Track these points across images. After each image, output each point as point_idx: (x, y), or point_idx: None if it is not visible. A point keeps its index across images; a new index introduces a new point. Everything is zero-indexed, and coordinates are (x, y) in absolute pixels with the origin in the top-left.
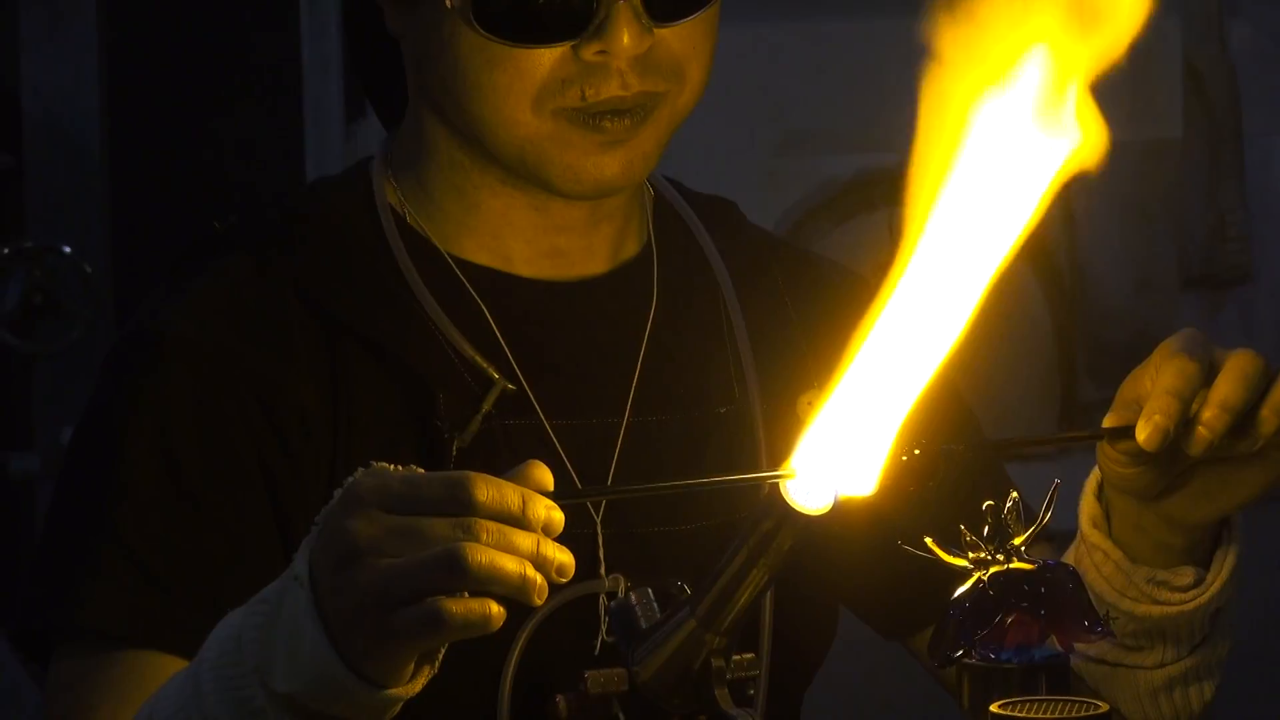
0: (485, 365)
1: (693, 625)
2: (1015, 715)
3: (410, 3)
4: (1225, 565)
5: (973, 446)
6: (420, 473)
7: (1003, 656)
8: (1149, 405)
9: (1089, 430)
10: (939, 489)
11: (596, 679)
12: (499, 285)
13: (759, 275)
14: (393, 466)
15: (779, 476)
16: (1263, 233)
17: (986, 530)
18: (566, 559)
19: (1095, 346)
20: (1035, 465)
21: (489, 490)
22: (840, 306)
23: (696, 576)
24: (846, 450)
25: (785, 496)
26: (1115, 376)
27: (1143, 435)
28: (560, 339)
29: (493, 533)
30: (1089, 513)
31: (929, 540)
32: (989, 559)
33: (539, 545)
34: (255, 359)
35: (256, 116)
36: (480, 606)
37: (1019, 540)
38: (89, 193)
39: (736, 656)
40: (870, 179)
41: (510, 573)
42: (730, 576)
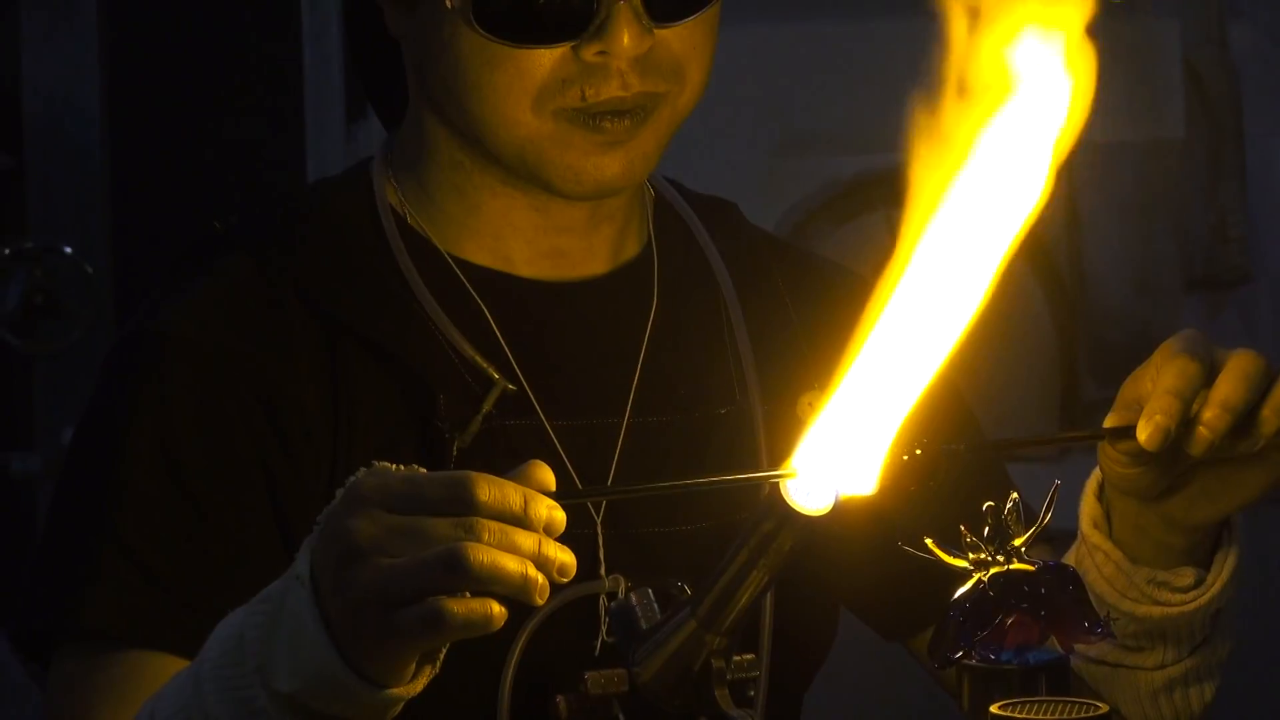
0: (486, 366)
1: (693, 626)
2: (1015, 716)
3: (410, 3)
4: (1226, 566)
5: (973, 446)
6: (422, 472)
7: (1003, 657)
8: (1150, 405)
9: (1090, 430)
10: (939, 489)
11: (597, 679)
12: (499, 286)
13: (759, 276)
14: (394, 466)
15: (780, 476)
16: (1264, 233)
17: (987, 531)
18: (568, 559)
19: (1096, 347)
20: (1035, 466)
21: (491, 490)
22: (840, 307)
23: (697, 577)
24: (847, 451)
25: (786, 497)
26: (1116, 377)
27: (1144, 435)
28: (561, 339)
29: (494, 532)
30: (1090, 513)
31: (929, 541)
32: (989, 560)
33: (540, 545)
34: (255, 359)
35: (257, 117)
36: (481, 606)
37: (1019, 541)
38: (90, 193)
39: (737, 657)
40: (871, 180)
41: (512, 572)
42: (731, 577)
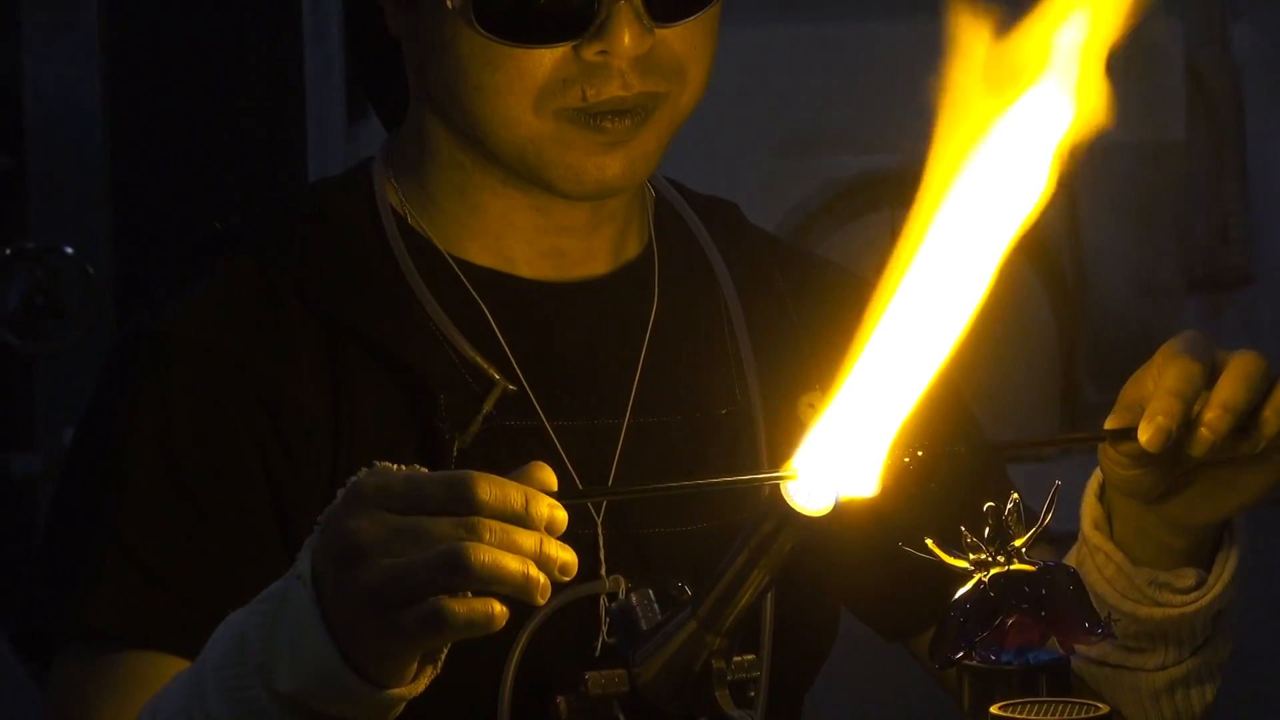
0: (486, 366)
1: (694, 626)
2: (1016, 717)
3: (411, 4)
4: (1227, 567)
5: (975, 448)
6: (423, 472)
7: (1003, 658)
8: (1151, 406)
9: (1091, 432)
10: (940, 490)
11: (597, 680)
12: (500, 286)
13: (760, 276)
14: (395, 466)
15: (781, 478)
16: (1265, 234)
17: (987, 532)
18: (570, 558)
19: (1097, 348)
20: (1036, 467)
21: (492, 489)
22: (841, 308)
23: (697, 578)
24: (848, 452)
25: (786, 498)
26: (1117, 378)
27: (1145, 436)
28: (561, 340)
29: (495, 532)
30: (1091, 515)
31: (930, 542)
32: (990, 560)
33: (542, 544)
34: (256, 359)
35: (258, 117)
36: (483, 606)
37: (1020, 542)
38: (91, 193)
39: (737, 658)
40: (872, 180)
41: (513, 572)
42: (731, 578)
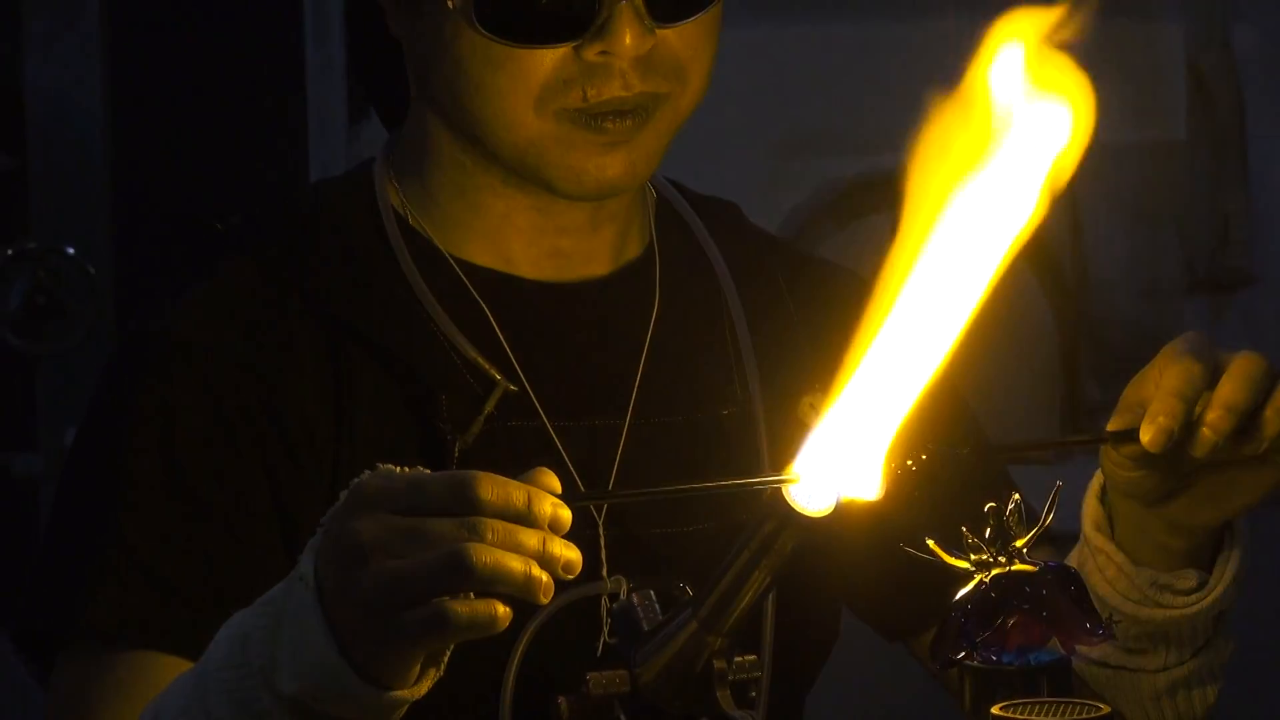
0: (487, 367)
1: (695, 627)
2: (1017, 717)
3: (412, 4)
4: (1228, 569)
5: (978, 450)
6: (425, 473)
7: (1004, 658)
8: (1153, 406)
9: (1093, 434)
10: (942, 491)
11: (598, 680)
12: (501, 287)
13: (761, 277)
14: (398, 468)
15: (782, 481)
16: (1266, 236)
17: (988, 532)
18: (574, 556)
19: (1099, 350)
20: (1037, 468)
21: (494, 489)
22: (842, 308)
23: (699, 578)
24: (849, 453)
25: (787, 499)
26: (1119, 379)
27: (1147, 436)
28: (562, 340)
29: (498, 531)
30: (1092, 516)
31: (931, 542)
32: (991, 561)
33: (545, 543)
34: (257, 360)
35: (259, 118)
36: (486, 607)
37: (1021, 542)
38: (92, 194)
39: (738, 658)
40: (873, 181)
41: (515, 572)
42: (732, 578)
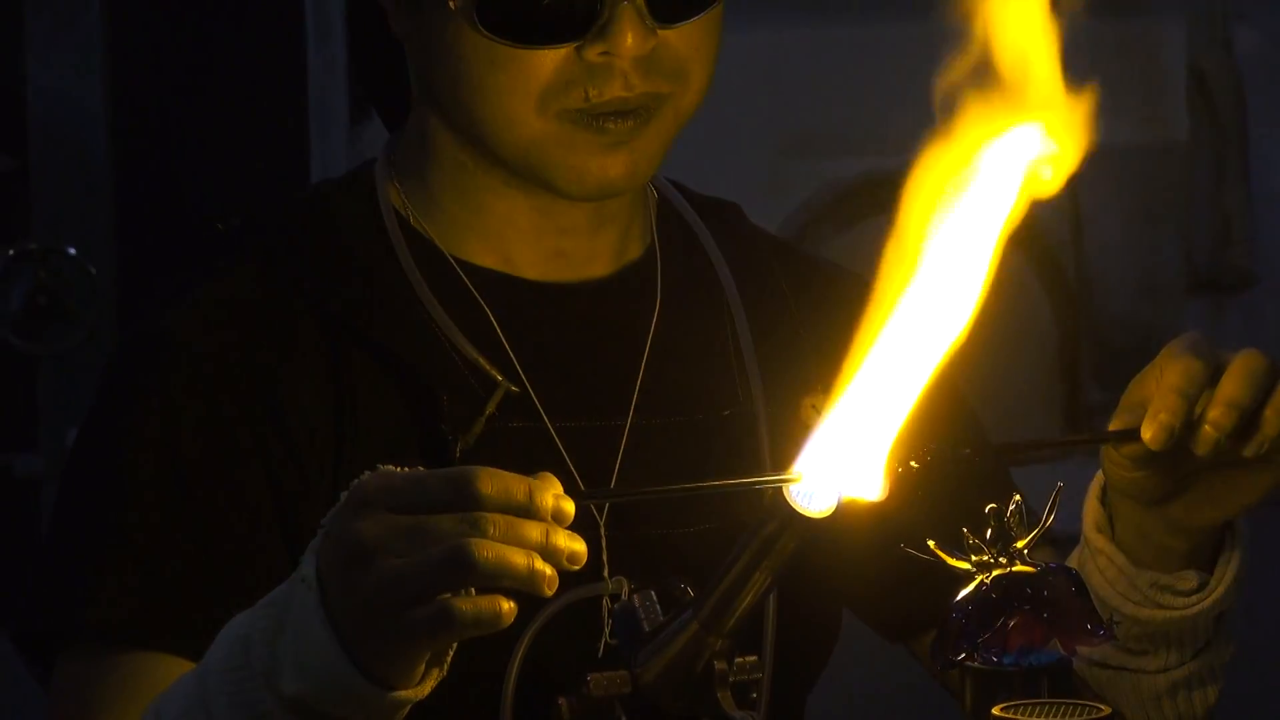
0: (489, 367)
1: (695, 628)
2: (1018, 718)
3: (414, 5)
4: (1229, 570)
5: (977, 450)
6: (425, 471)
7: (1005, 659)
8: (1154, 404)
9: (1094, 434)
10: (943, 492)
11: (599, 681)
12: (502, 287)
13: (762, 278)
14: (398, 469)
15: (784, 481)
16: (1268, 237)
17: (989, 533)
18: (579, 547)
19: (1099, 350)
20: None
21: (494, 483)
22: (843, 309)
23: (700, 579)
24: (851, 453)
25: (788, 500)
26: (1120, 380)
27: (1148, 434)
28: (563, 341)
29: (500, 525)
30: (1093, 517)
31: (931, 543)
32: (991, 562)
33: (548, 535)
34: (258, 361)
35: (261, 119)
36: (490, 604)
37: (1021, 543)
38: (94, 194)
39: (739, 659)
40: (875, 182)
41: (519, 566)
42: (733, 579)
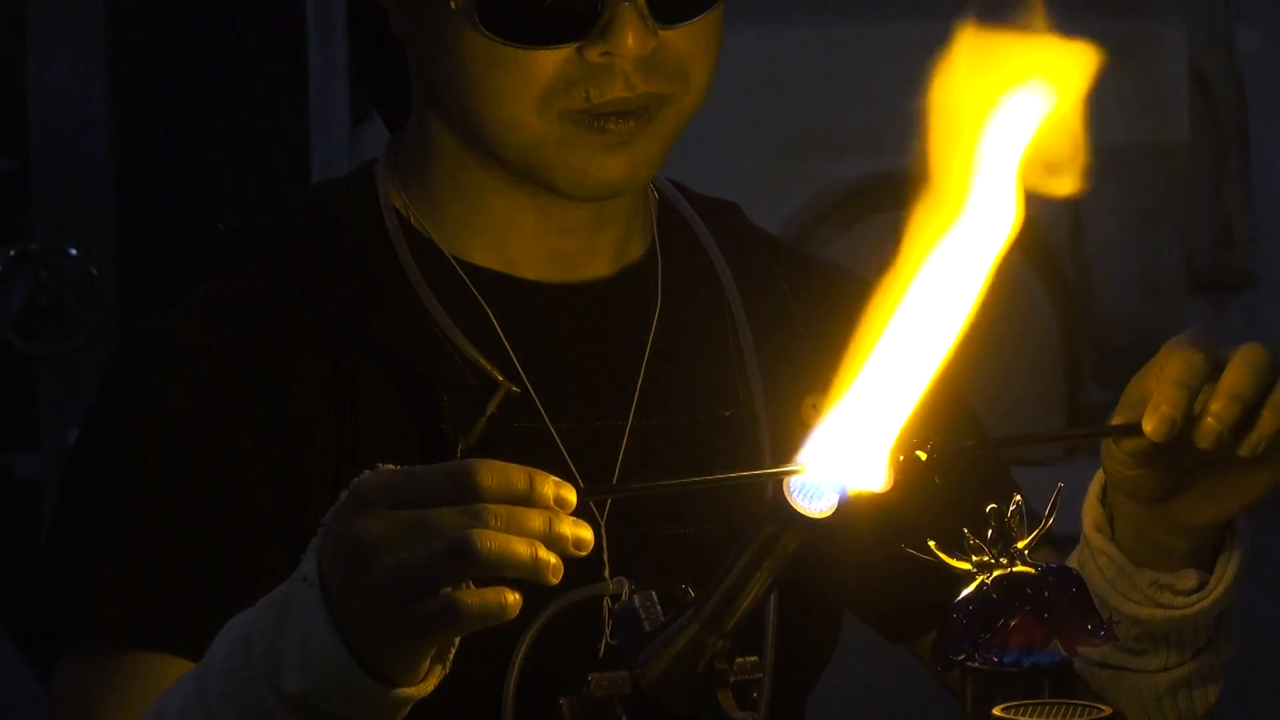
0: (489, 368)
1: (696, 628)
2: (1018, 718)
3: (415, 5)
4: (1229, 570)
5: (982, 443)
6: (425, 466)
7: (1006, 659)
8: (1155, 396)
9: (1096, 427)
10: (944, 489)
11: (600, 681)
12: (503, 288)
13: (763, 278)
14: (398, 468)
15: (789, 472)
16: (1269, 237)
17: (989, 533)
18: (584, 533)
19: (1100, 350)
20: (1038, 469)
21: (494, 474)
22: (844, 310)
23: (700, 579)
24: (851, 453)
25: (789, 499)
26: (1121, 380)
27: (1150, 425)
28: (564, 341)
29: (502, 516)
30: (1092, 517)
31: (932, 543)
32: (992, 562)
33: (551, 523)
34: (259, 361)
35: (262, 119)
36: (495, 596)
37: (1022, 544)
38: (94, 195)
39: (740, 659)
40: (876, 183)
41: (522, 555)
42: (734, 579)
